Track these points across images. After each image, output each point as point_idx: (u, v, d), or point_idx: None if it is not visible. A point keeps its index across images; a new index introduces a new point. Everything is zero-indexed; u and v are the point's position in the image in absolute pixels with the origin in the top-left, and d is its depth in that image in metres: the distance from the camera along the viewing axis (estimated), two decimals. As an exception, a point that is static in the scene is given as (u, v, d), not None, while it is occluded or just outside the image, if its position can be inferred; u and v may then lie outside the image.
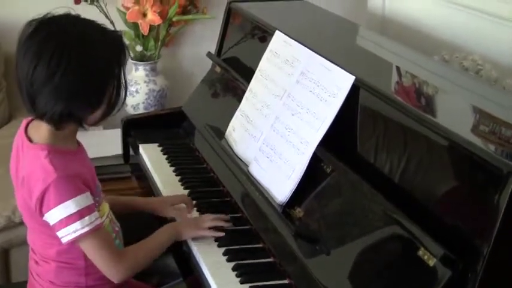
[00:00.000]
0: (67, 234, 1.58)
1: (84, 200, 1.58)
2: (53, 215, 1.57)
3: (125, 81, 1.65)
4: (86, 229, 1.58)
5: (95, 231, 1.60)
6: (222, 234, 1.81)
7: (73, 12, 1.62)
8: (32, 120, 1.67)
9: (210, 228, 1.82)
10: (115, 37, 1.64)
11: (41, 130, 1.63)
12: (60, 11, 1.60)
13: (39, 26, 1.55)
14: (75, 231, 1.57)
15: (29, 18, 1.58)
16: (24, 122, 1.69)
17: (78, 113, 1.58)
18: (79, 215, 1.57)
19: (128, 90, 1.69)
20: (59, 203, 1.56)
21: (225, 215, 1.90)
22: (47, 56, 1.50)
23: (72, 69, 1.51)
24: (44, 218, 1.59)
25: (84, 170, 1.65)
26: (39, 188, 1.56)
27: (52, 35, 1.54)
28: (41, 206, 1.58)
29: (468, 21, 2.37)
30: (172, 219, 1.93)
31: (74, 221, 1.56)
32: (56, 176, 1.55)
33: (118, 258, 1.65)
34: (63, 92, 1.52)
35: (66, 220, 1.56)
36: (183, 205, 1.96)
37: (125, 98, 1.68)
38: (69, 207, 1.56)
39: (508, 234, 1.24)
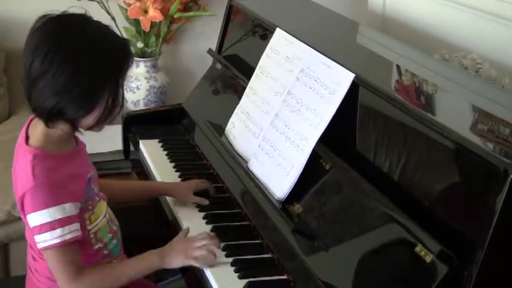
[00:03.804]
0: (39, 241, 1.59)
1: (59, 211, 1.57)
2: (30, 220, 1.59)
3: (122, 92, 1.62)
4: (55, 241, 1.57)
5: (62, 246, 1.58)
6: (213, 263, 1.70)
7: (87, 14, 1.62)
8: (35, 117, 1.67)
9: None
10: (120, 42, 1.61)
11: (36, 130, 1.62)
12: (76, 10, 1.60)
13: (46, 22, 1.56)
14: (44, 241, 1.58)
15: (32, 16, 1.59)
16: (30, 118, 1.69)
17: (69, 113, 1.55)
18: (50, 226, 1.56)
19: (124, 99, 1.65)
20: (33, 211, 1.57)
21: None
22: (43, 52, 1.50)
23: (66, 67, 1.50)
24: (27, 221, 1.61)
25: (73, 176, 1.63)
26: (19, 192, 1.58)
27: (53, 31, 1.54)
28: (23, 209, 1.60)
29: (468, 20, 2.38)
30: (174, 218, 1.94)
31: (45, 231, 1.57)
32: (33, 185, 1.55)
33: (74, 278, 1.60)
34: (54, 88, 1.51)
35: (38, 228, 1.57)
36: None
37: (122, 107, 1.64)
38: (42, 216, 1.56)
39: (504, 231, 1.25)
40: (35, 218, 1.57)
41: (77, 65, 1.52)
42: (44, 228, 1.57)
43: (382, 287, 1.44)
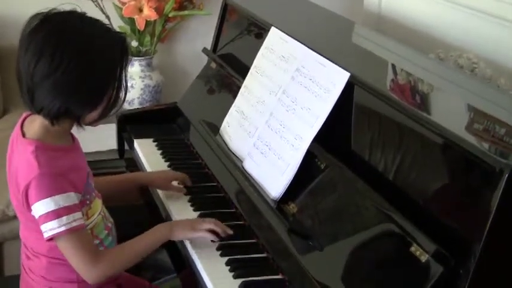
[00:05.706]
0: (45, 230, 1.58)
1: (64, 199, 1.57)
2: (35, 210, 1.58)
3: (126, 83, 1.66)
4: (62, 228, 1.57)
5: (72, 232, 1.58)
6: (217, 238, 1.77)
7: (79, 10, 1.63)
8: (30, 114, 1.67)
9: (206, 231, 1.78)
10: (118, 38, 1.64)
11: (34, 125, 1.63)
12: (66, 7, 1.61)
13: (43, 21, 1.56)
14: (51, 229, 1.57)
15: (25, 14, 1.58)
16: (23, 115, 1.69)
17: (76, 111, 1.58)
18: (56, 213, 1.56)
19: (127, 91, 1.69)
20: (39, 199, 1.56)
21: (225, 224, 1.83)
22: (49, 52, 1.51)
23: (73, 66, 1.52)
24: (32, 213, 1.60)
25: (73, 168, 1.64)
26: (23, 182, 1.57)
27: (55, 31, 1.55)
28: (27, 201, 1.59)
29: (464, 20, 2.38)
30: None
31: (51, 219, 1.57)
32: (38, 173, 1.55)
33: (93, 261, 1.62)
34: (63, 88, 1.53)
35: (44, 217, 1.57)
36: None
37: (124, 100, 1.68)
38: (47, 204, 1.56)
39: (499, 231, 1.25)
40: (40, 207, 1.56)
41: (82, 63, 1.53)
42: (50, 216, 1.56)
43: (377, 286, 1.44)
